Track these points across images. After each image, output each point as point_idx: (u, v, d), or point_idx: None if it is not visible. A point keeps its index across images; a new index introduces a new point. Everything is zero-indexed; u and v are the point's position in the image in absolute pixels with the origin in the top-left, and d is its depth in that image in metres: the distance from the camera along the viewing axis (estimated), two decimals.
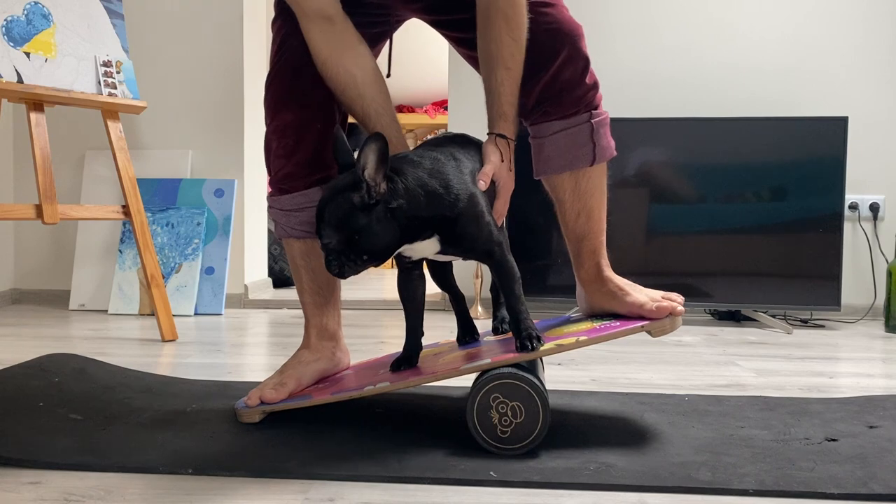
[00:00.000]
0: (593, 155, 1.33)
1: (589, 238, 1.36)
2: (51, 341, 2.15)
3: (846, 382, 1.72)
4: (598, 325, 1.29)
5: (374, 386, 1.23)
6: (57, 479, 1.04)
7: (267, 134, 1.38)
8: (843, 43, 2.80)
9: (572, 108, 1.31)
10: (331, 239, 1.10)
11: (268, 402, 1.30)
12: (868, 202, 2.78)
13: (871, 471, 1.06)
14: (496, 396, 1.13)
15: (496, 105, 1.23)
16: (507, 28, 1.21)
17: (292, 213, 1.39)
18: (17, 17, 2.02)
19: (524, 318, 1.20)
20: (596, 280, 1.37)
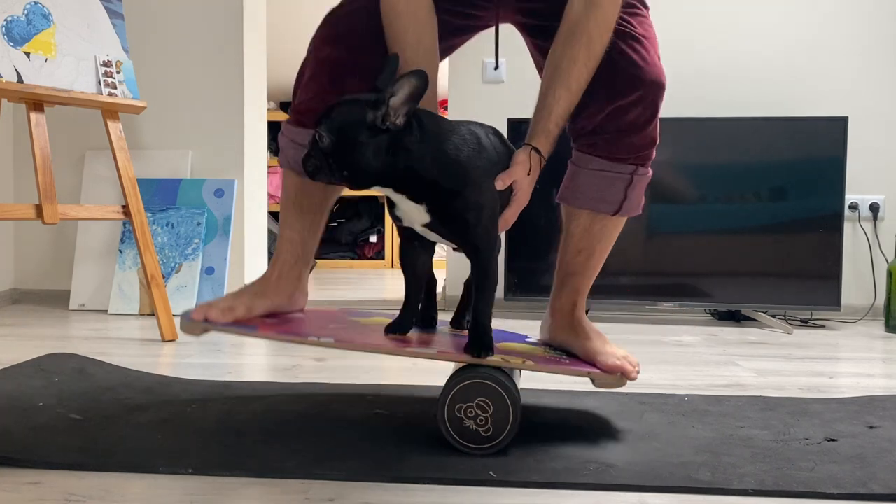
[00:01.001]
0: (620, 206, 1.32)
1: (579, 277, 1.37)
2: (51, 341, 2.15)
3: (846, 382, 1.72)
4: (549, 354, 1.30)
5: (318, 339, 1.21)
6: (57, 479, 1.04)
7: (305, 61, 1.36)
8: (844, 43, 2.80)
9: (624, 153, 1.29)
10: (324, 136, 1.08)
11: (212, 321, 1.27)
12: (868, 202, 2.78)
13: (871, 471, 1.06)
14: (459, 406, 1.14)
15: (544, 120, 1.21)
16: (586, 52, 1.20)
17: (302, 148, 1.35)
18: (17, 17, 2.02)
19: (485, 325, 1.19)
20: (567, 315, 1.37)
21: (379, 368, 1.83)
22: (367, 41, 1.29)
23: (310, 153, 1.10)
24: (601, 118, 1.26)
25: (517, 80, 2.85)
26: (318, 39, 1.35)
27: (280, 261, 1.42)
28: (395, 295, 3.17)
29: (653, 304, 2.62)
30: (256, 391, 1.52)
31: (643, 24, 1.29)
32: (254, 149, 3.07)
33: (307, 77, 1.36)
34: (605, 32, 1.21)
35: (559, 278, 1.39)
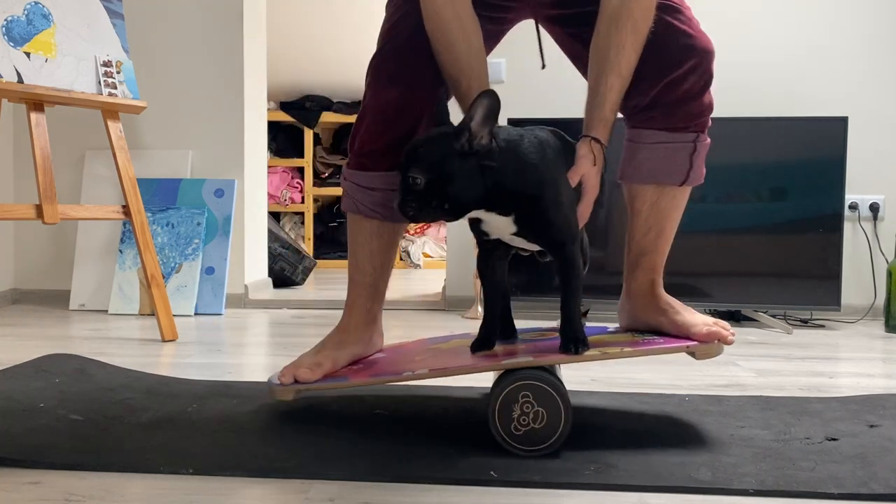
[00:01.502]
0: (686, 176, 1.32)
1: (652, 255, 1.36)
2: (51, 341, 2.15)
3: (846, 382, 1.72)
4: (640, 339, 1.29)
5: (413, 372, 1.21)
6: (57, 479, 1.04)
7: (363, 108, 1.36)
8: (844, 43, 2.80)
9: (683, 122, 1.30)
10: (417, 177, 1.08)
11: (302, 381, 1.28)
12: (868, 202, 2.78)
13: (872, 470, 1.06)
14: (526, 395, 1.12)
15: (599, 109, 1.21)
16: (633, 37, 1.20)
17: (368, 191, 1.36)
18: (17, 17, 2.02)
19: (576, 320, 1.19)
20: (647, 294, 1.36)
21: None
22: (422, 70, 1.29)
23: (405, 198, 1.10)
24: (656, 92, 1.26)
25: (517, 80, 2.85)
26: (375, 81, 1.34)
27: (355, 307, 1.42)
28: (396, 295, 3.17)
29: None
30: (256, 391, 1.52)
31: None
32: (254, 149, 3.07)
33: (367, 121, 1.35)
34: (648, 14, 1.22)
35: (631, 260, 1.38)
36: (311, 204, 4.71)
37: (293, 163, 4.68)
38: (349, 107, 4.73)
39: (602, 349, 1.20)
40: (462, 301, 2.83)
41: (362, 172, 1.37)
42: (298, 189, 4.70)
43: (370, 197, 1.37)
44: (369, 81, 1.35)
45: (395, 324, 2.55)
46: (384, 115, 1.32)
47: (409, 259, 4.73)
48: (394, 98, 1.31)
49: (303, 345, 2.15)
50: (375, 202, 1.36)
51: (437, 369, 1.21)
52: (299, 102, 4.69)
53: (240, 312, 2.81)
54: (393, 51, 1.33)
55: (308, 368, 1.29)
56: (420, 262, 4.68)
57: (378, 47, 1.36)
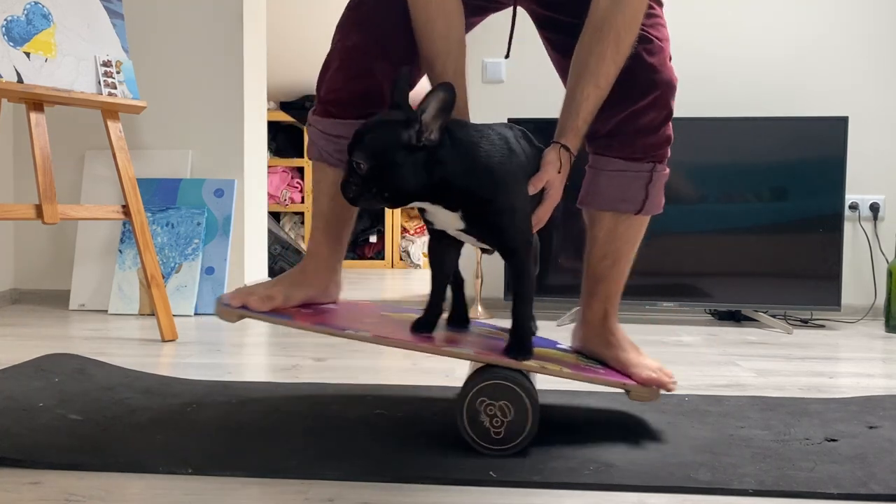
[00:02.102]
0: (642, 205, 1.33)
1: (606, 282, 1.36)
2: (51, 341, 2.15)
3: (846, 382, 1.72)
4: (583, 363, 1.30)
5: (355, 332, 1.21)
6: (57, 479, 1.04)
7: (331, 52, 1.35)
8: (844, 43, 2.80)
9: (640, 153, 1.30)
10: (362, 163, 1.08)
11: (251, 308, 1.28)
12: (868, 202, 2.78)
13: (871, 471, 1.06)
14: (482, 400, 1.13)
15: (573, 118, 1.21)
16: (614, 49, 1.20)
17: (333, 139, 1.36)
18: (17, 17, 2.02)
19: (525, 326, 1.19)
20: (599, 324, 1.36)
21: (378, 368, 1.83)
22: (395, 26, 1.28)
23: (348, 180, 1.10)
24: (617, 122, 1.27)
25: (517, 80, 2.85)
26: (344, 27, 1.34)
27: (314, 252, 1.42)
28: (396, 295, 3.17)
29: (653, 304, 2.62)
30: (256, 391, 1.52)
31: (656, 26, 1.29)
32: (254, 149, 3.07)
33: (334, 66, 1.34)
34: (633, 29, 1.21)
35: (587, 286, 1.38)
36: (311, 204, 4.71)
37: (293, 163, 4.69)
38: None
39: (543, 363, 1.19)
40: None
41: (328, 119, 1.36)
42: (298, 189, 4.71)
43: (335, 144, 1.36)
44: (340, 23, 1.34)
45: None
46: (351, 61, 1.31)
47: (409, 259, 4.73)
48: (361, 44, 1.30)
49: (303, 345, 2.16)
50: (340, 150, 1.34)
51: (379, 336, 1.20)
52: (299, 102, 4.69)
53: None
54: (371, 2, 1.32)
55: (259, 298, 1.29)
56: (420, 262, 4.68)
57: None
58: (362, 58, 1.30)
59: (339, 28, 1.35)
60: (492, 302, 2.73)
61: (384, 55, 1.29)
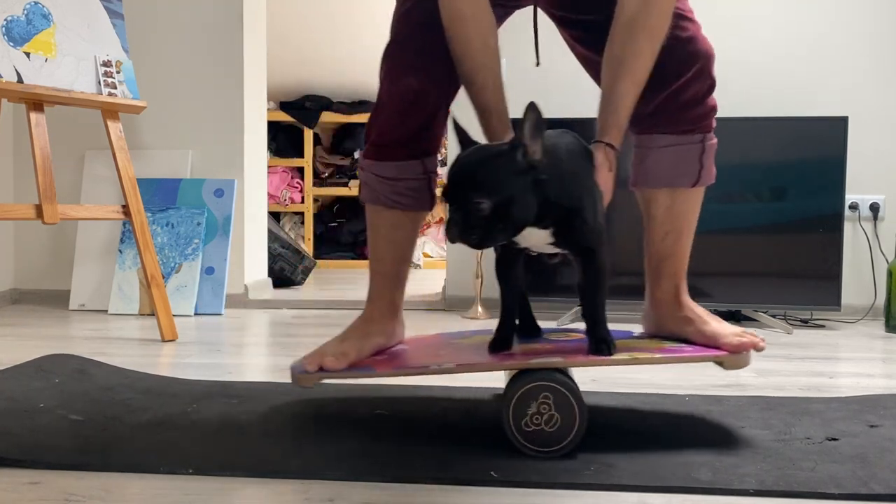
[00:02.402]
0: (698, 176, 1.32)
1: (672, 259, 1.35)
2: (51, 341, 2.15)
3: (846, 382, 1.72)
4: (668, 345, 1.27)
5: (440, 366, 1.19)
6: (57, 479, 1.04)
7: (382, 95, 1.34)
8: (844, 42, 2.79)
9: (689, 125, 1.30)
10: (482, 202, 1.02)
11: (328, 370, 1.27)
12: (868, 202, 2.78)
13: (872, 471, 1.06)
14: (546, 396, 1.11)
15: (614, 115, 1.21)
16: (649, 44, 1.20)
17: (388, 181, 1.35)
18: (17, 17, 2.02)
19: (603, 322, 1.18)
20: (672, 302, 1.35)
21: None
22: (440, 59, 1.28)
23: (467, 226, 1.04)
24: (662, 99, 1.27)
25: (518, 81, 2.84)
26: (392, 70, 1.32)
27: (377, 298, 1.41)
28: None
29: None
30: (256, 391, 1.52)
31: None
32: (254, 149, 3.07)
33: (388, 111, 1.33)
34: (665, 23, 1.21)
35: (651, 268, 1.37)
36: (310, 204, 4.71)
37: (293, 163, 4.68)
38: (349, 107, 4.73)
39: (632, 353, 1.18)
40: (462, 301, 2.83)
41: (382, 163, 1.36)
42: (298, 189, 4.70)
43: (390, 187, 1.36)
44: (385, 70, 1.34)
45: None
46: (402, 104, 1.31)
47: None
48: (412, 86, 1.29)
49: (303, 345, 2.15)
50: (396, 192, 1.35)
51: (465, 364, 1.19)
52: (299, 102, 4.68)
53: (240, 312, 2.81)
54: (409, 39, 1.32)
55: (334, 357, 1.28)
56: (420, 262, 4.68)
57: (392, 36, 1.34)
58: (414, 98, 1.30)
59: (386, 76, 1.33)
60: (492, 302, 2.73)
61: (436, 89, 1.30)
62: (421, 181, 1.36)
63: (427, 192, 1.38)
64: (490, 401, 1.45)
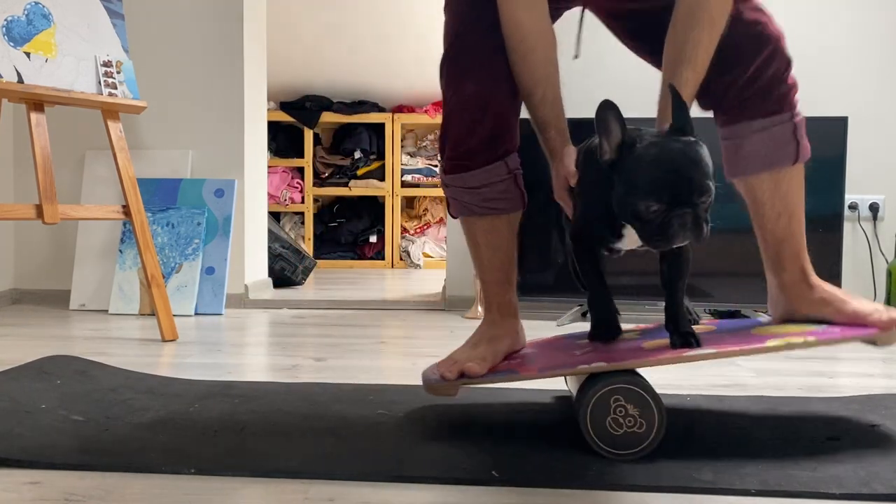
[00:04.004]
0: (797, 154, 1.32)
1: (791, 241, 1.34)
2: (51, 341, 2.15)
3: (846, 382, 1.72)
4: (813, 328, 1.24)
5: (590, 365, 1.17)
6: (57, 479, 1.04)
7: (448, 107, 1.34)
8: (844, 43, 2.79)
9: (775, 105, 1.30)
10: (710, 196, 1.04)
11: (472, 375, 1.25)
12: (868, 202, 2.78)
13: (874, 470, 1.06)
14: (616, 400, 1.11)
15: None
16: (709, 33, 1.21)
17: (475, 191, 1.35)
18: (18, 17, 2.02)
19: (685, 314, 1.20)
20: (802, 284, 1.33)
21: (378, 368, 1.83)
22: (496, 60, 1.29)
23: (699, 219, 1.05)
24: (742, 84, 1.27)
25: None
26: (452, 79, 1.33)
27: (494, 303, 1.40)
28: (396, 295, 3.17)
29: (653, 304, 2.62)
30: (256, 391, 1.52)
31: None
32: (254, 149, 3.07)
33: (457, 121, 1.33)
34: (725, 11, 1.22)
35: (771, 254, 1.37)
36: (311, 204, 4.71)
37: (293, 163, 4.68)
38: (349, 107, 4.73)
39: (786, 339, 1.17)
40: (462, 301, 2.83)
41: (465, 174, 1.35)
42: (298, 189, 4.70)
43: (479, 195, 1.35)
44: (446, 82, 1.34)
45: (395, 323, 2.55)
46: (469, 111, 1.30)
47: (409, 259, 4.72)
48: (474, 91, 1.29)
49: (303, 345, 2.15)
50: (485, 199, 1.35)
51: (617, 361, 1.16)
52: (299, 102, 4.68)
53: (240, 312, 2.81)
54: (463, 48, 1.31)
55: (477, 363, 1.26)
56: (420, 262, 4.68)
57: (446, 48, 1.34)
58: (481, 102, 1.29)
59: (448, 85, 1.33)
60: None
61: (498, 91, 1.30)
62: (507, 182, 1.35)
63: (517, 191, 1.37)
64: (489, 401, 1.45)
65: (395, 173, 4.68)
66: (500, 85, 1.29)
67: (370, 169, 4.74)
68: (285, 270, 3.43)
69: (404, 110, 4.76)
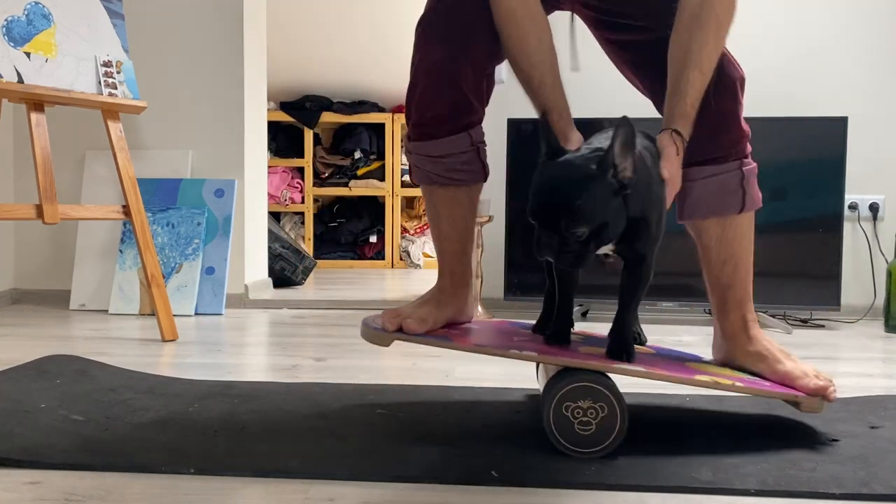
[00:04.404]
0: (742, 202, 1.32)
1: (735, 288, 1.35)
2: (51, 341, 2.15)
3: (846, 382, 1.72)
4: (744, 376, 1.27)
5: (520, 352, 1.18)
6: (57, 479, 1.04)
7: (414, 73, 1.32)
8: (843, 43, 2.79)
9: (723, 151, 1.30)
10: (580, 230, 1.02)
11: (409, 332, 1.25)
12: (868, 202, 2.78)
13: (873, 471, 1.06)
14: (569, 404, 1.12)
15: (680, 103, 1.20)
16: (715, 33, 1.21)
17: (437, 160, 1.34)
18: (18, 17, 2.02)
19: (629, 327, 1.19)
20: (741, 335, 1.35)
21: (378, 368, 1.83)
22: (470, 30, 1.28)
23: (563, 251, 1.04)
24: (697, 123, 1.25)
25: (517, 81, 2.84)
26: (422, 45, 1.31)
27: (447, 273, 1.40)
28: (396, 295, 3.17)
29: (653, 304, 2.62)
30: (256, 391, 1.52)
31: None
32: (254, 149, 3.07)
33: (421, 87, 1.32)
34: (731, 13, 1.23)
35: (716, 300, 1.38)
36: (311, 204, 4.71)
37: (293, 163, 4.68)
38: (349, 107, 4.73)
39: (714, 377, 1.19)
40: None
41: (427, 142, 1.34)
42: (298, 189, 4.70)
43: (442, 165, 1.34)
44: (418, 40, 1.32)
45: None
46: (437, 76, 1.29)
47: (409, 259, 4.73)
48: (441, 58, 1.28)
49: (303, 345, 2.15)
50: (449, 168, 1.34)
51: (546, 354, 1.17)
52: (299, 102, 4.68)
53: (240, 312, 2.81)
54: (440, 13, 1.30)
55: (415, 321, 1.26)
56: (420, 262, 4.68)
57: (425, 11, 1.32)
58: (447, 70, 1.29)
59: (416, 47, 1.33)
60: (492, 302, 2.73)
61: (466, 61, 1.28)
62: (470, 153, 1.35)
63: (479, 164, 1.36)
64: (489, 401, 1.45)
65: (395, 173, 4.68)
66: (467, 56, 1.28)
67: (370, 169, 4.74)
68: (285, 270, 3.43)
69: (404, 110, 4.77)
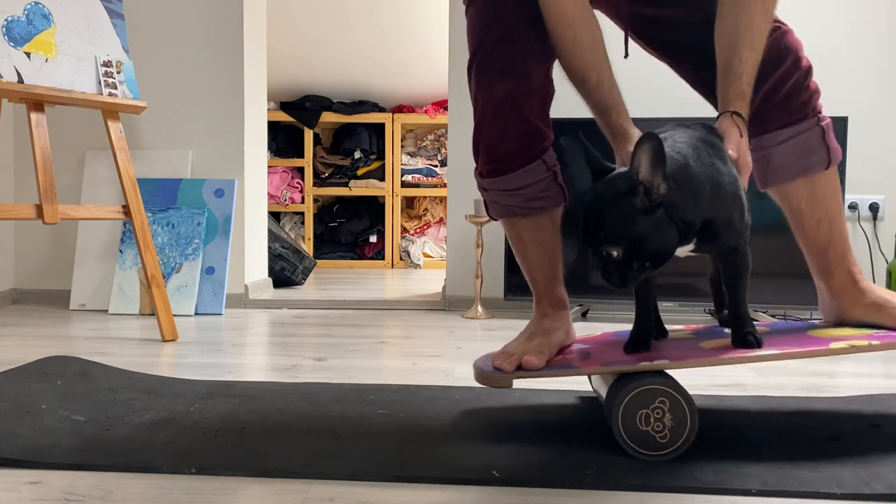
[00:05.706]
0: (828, 158, 1.32)
1: (834, 246, 1.34)
2: (51, 341, 2.15)
3: (846, 382, 1.72)
4: (875, 332, 1.24)
5: (651, 362, 1.16)
6: (57, 479, 1.04)
7: (479, 111, 1.31)
8: (843, 43, 2.79)
9: (800, 112, 1.30)
10: (613, 251, 1.03)
11: (531, 368, 1.23)
12: (868, 202, 2.78)
13: (875, 470, 1.06)
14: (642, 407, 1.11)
15: (736, 84, 1.20)
16: (763, 9, 1.22)
17: (517, 192, 1.33)
18: (18, 17, 2.02)
19: (746, 316, 1.18)
20: (852, 290, 1.33)
21: (378, 368, 1.83)
22: (531, 55, 1.28)
23: (606, 269, 1.05)
24: (763, 96, 1.26)
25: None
26: (482, 82, 1.30)
27: (545, 298, 1.39)
28: (396, 295, 3.17)
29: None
30: (257, 391, 1.52)
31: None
32: (254, 149, 3.07)
33: (488, 124, 1.31)
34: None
35: (817, 261, 1.36)
36: (311, 204, 4.71)
37: (293, 163, 4.68)
38: (349, 107, 4.73)
39: (849, 342, 1.16)
40: (462, 301, 2.83)
41: (504, 177, 1.33)
42: (298, 189, 4.70)
43: (521, 196, 1.34)
44: (475, 83, 1.31)
45: (394, 323, 2.55)
46: (501, 111, 1.28)
47: (409, 259, 4.72)
48: (505, 91, 1.27)
49: (303, 345, 2.15)
50: (528, 199, 1.33)
51: (678, 360, 1.16)
52: (299, 102, 4.68)
53: (240, 312, 2.81)
54: (491, 46, 1.29)
55: (534, 356, 1.24)
56: (420, 262, 4.68)
57: (472, 49, 1.32)
58: (512, 104, 1.28)
59: (476, 83, 1.31)
60: (492, 302, 2.73)
61: (529, 89, 1.28)
62: (547, 179, 1.34)
63: (557, 188, 1.35)
64: (489, 401, 1.45)
65: (395, 173, 4.68)
66: (529, 83, 1.28)
67: (370, 169, 4.74)
68: (285, 270, 3.43)
69: (404, 110, 4.76)
